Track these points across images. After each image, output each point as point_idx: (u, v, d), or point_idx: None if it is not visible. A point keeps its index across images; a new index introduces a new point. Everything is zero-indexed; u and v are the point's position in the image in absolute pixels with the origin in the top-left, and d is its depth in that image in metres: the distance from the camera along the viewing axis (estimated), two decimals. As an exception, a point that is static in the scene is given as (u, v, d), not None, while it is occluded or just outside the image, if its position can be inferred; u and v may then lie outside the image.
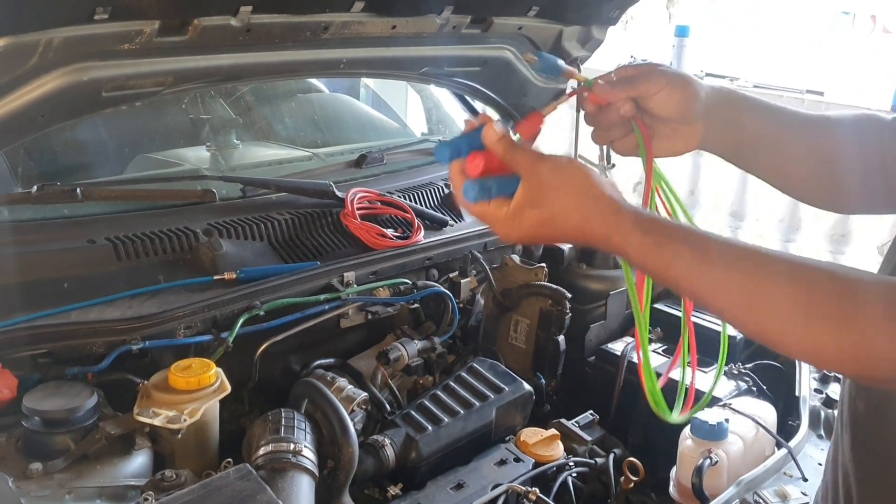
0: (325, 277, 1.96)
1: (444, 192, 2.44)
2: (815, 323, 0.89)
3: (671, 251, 0.94)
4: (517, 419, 1.92)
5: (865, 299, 0.88)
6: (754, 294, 0.91)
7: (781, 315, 0.90)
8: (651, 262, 0.96)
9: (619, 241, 0.97)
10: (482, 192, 1.01)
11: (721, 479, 1.68)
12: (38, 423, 1.45)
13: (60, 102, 1.68)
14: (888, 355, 0.86)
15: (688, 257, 0.94)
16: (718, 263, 0.94)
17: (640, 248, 0.96)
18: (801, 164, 1.23)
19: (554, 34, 2.40)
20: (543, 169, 0.99)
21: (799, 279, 0.91)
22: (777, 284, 0.91)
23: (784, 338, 0.92)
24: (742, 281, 0.92)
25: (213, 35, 1.73)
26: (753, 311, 0.92)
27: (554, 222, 0.99)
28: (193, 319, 1.74)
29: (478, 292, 2.28)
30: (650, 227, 0.96)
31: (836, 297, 0.89)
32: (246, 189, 2.13)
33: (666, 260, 0.95)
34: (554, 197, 0.98)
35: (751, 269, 0.93)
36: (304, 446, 1.53)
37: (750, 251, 0.94)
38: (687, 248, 0.94)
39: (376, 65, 2.28)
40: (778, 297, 0.90)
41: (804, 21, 11.82)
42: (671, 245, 0.95)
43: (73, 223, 1.87)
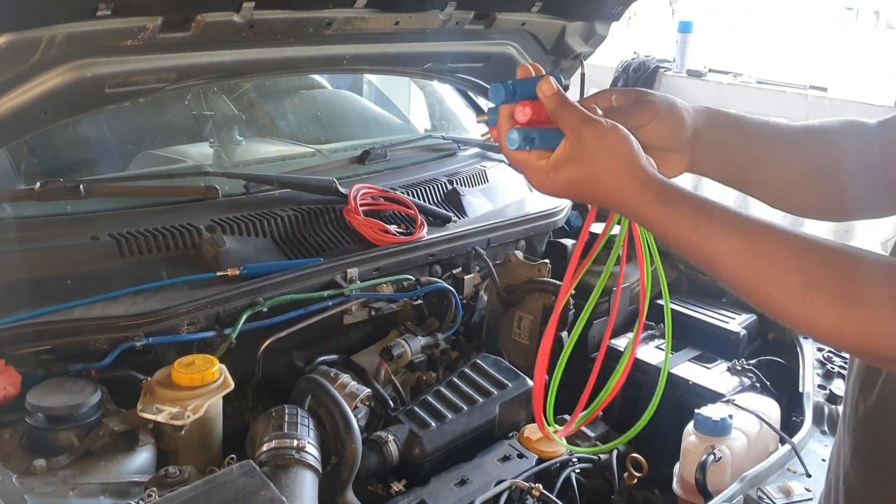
0: (329, 274, 1.96)
1: (447, 188, 2.44)
2: (820, 297, 0.91)
3: (691, 221, 0.97)
4: (520, 415, 1.92)
5: (870, 278, 0.90)
6: (765, 265, 0.94)
7: (790, 287, 0.93)
8: (672, 230, 0.99)
9: (644, 209, 1.00)
10: (525, 141, 1.04)
11: (725, 475, 1.68)
12: (42, 419, 1.45)
13: (64, 99, 1.68)
14: (889, 334, 0.87)
15: (704, 225, 0.97)
16: (733, 235, 0.96)
17: (662, 217, 0.99)
18: (791, 179, 1.24)
19: (557, 30, 2.40)
20: (589, 131, 1.01)
21: (809, 254, 0.93)
22: (788, 257, 0.94)
23: (791, 308, 0.95)
24: (754, 251, 0.95)
25: (215, 31, 1.73)
26: (763, 282, 0.95)
27: (587, 182, 1.02)
28: (197, 316, 1.74)
29: (481, 288, 2.28)
30: (673, 198, 0.99)
31: (844, 274, 0.91)
32: (249, 185, 2.13)
33: (683, 230, 0.98)
34: (592, 159, 1.01)
35: (763, 241, 0.96)
36: (308, 443, 1.53)
37: (763, 224, 0.97)
38: (705, 219, 0.97)
39: (379, 61, 2.29)
40: (788, 269, 0.93)
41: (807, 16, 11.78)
42: (690, 215, 0.98)
43: (77, 220, 1.87)
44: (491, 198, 2.54)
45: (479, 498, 1.60)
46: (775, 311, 0.96)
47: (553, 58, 2.52)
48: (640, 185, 1.00)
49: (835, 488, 1.14)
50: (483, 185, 2.59)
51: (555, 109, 1.03)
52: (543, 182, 1.05)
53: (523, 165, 1.07)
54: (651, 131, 1.14)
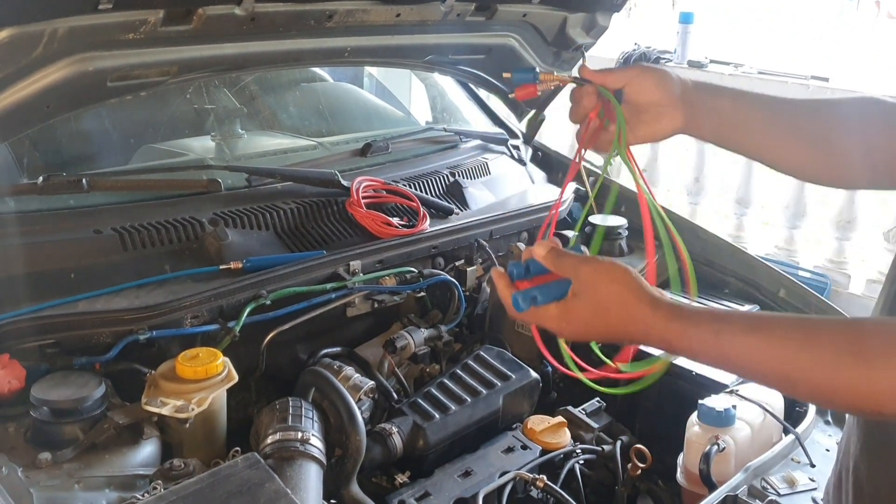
0: (331, 266, 1.96)
1: (449, 181, 2.44)
2: (853, 366, 0.92)
3: (712, 328, 1.00)
4: (524, 407, 1.92)
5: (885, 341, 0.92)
6: (794, 349, 0.95)
7: (822, 362, 0.94)
8: (696, 342, 1.01)
9: (662, 329, 1.02)
10: (528, 301, 1.10)
11: (729, 465, 1.68)
12: (47, 413, 1.45)
13: (66, 92, 1.68)
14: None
15: (726, 330, 0.99)
16: (754, 332, 0.99)
17: (682, 332, 1.01)
18: (793, 140, 1.29)
19: (558, 21, 2.40)
20: (586, 268, 1.08)
21: (833, 329, 0.97)
22: (814, 337, 0.96)
23: (831, 383, 0.94)
24: (781, 340, 0.97)
25: (217, 24, 1.73)
26: (795, 365, 0.96)
27: (600, 317, 1.07)
28: (200, 309, 1.74)
29: (484, 280, 2.28)
30: (686, 312, 1.02)
31: (874, 343, 0.92)
32: (251, 178, 2.13)
33: (705, 338, 1.00)
34: (595, 293, 1.06)
35: (785, 329, 0.98)
36: (312, 435, 1.53)
37: (780, 317, 1.06)
38: (724, 323, 1.01)
39: (381, 53, 2.28)
40: (820, 346, 0.94)
41: (809, 7, 11.74)
42: (709, 323, 1.01)
43: (79, 214, 1.87)
44: (493, 190, 2.54)
45: (484, 489, 1.61)
46: (814, 391, 0.98)
47: (554, 49, 2.51)
48: (650, 307, 1.03)
49: (845, 481, 1.14)
50: (485, 177, 2.58)
51: (553, 264, 1.10)
52: (562, 328, 1.10)
53: (539, 320, 1.12)
54: (637, 86, 1.23)
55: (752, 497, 1.54)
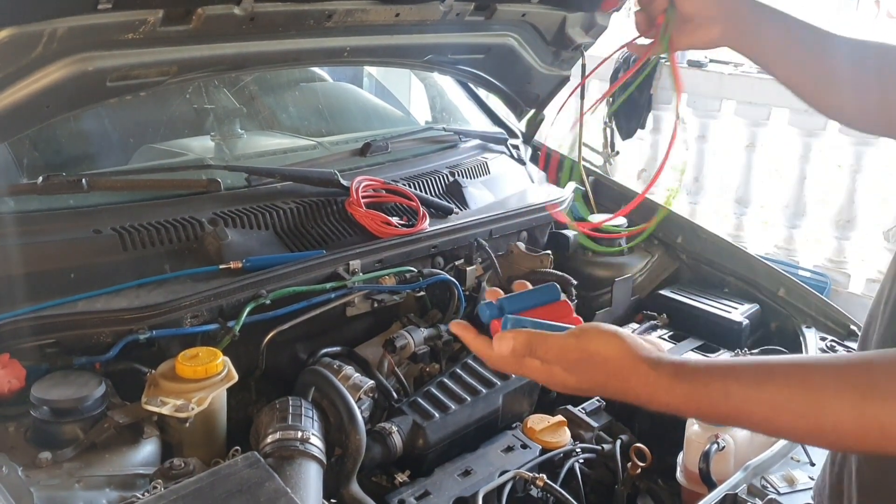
0: (331, 266, 1.96)
1: (448, 180, 2.44)
2: (877, 405, 0.87)
3: (720, 388, 0.93)
4: (524, 406, 1.93)
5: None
6: (813, 397, 0.90)
7: (843, 406, 0.88)
8: (705, 404, 0.95)
9: (666, 397, 0.95)
10: (494, 311, 1.06)
11: (728, 464, 1.68)
12: (47, 412, 1.45)
13: (65, 92, 1.68)
14: None
15: (735, 387, 0.92)
16: (766, 384, 0.92)
17: (688, 396, 0.94)
18: (827, 79, 1.30)
19: (558, 21, 2.40)
20: (572, 348, 0.99)
21: (849, 370, 0.91)
22: (830, 381, 0.90)
23: (853, 426, 0.89)
24: (797, 391, 0.91)
25: (216, 24, 1.73)
26: (815, 414, 0.90)
27: (597, 389, 1.00)
28: (200, 308, 1.74)
29: (483, 280, 2.28)
30: (690, 373, 0.95)
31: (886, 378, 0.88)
32: (251, 178, 2.13)
33: (716, 398, 0.93)
34: (588, 372, 0.99)
35: (798, 378, 0.92)
36: (312, 434, 1.53)
37: (790, 363, 0.96)
38: (733, 379, 0.93)
39: (380, 53, 2.28)
40: (837, 391, 0.89)
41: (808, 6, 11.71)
42: (716, 383, 0.93)
43: (79, 213, 1.86)
44: (493, 189, 2.54)
45: (483, 488, 1.61)
46: (838, 438, 0.92)
47: (554, 49, 2.52)
48: (651, 375, 0.95)
49: (847, 485, 1.14)
50: (485, 176, 2.58)
51: (531, 352, 1.00)
52: (550, 382, 1.03)
53: (530, 369, 1.03)
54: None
55: (751, 496, 1.53)
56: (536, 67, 2.57)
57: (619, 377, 0.97)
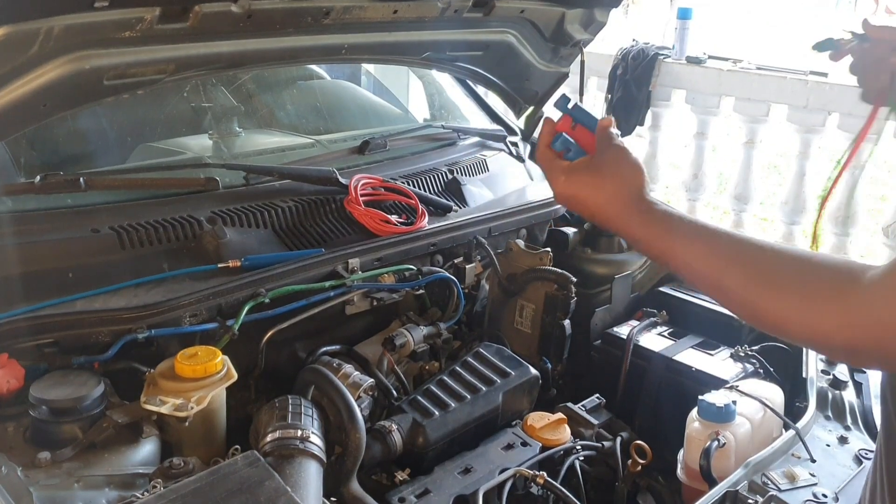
0: (330, 264, 1.95)
1: (447, 178, 2.44)
2: (773, 291, 1.02)
3: (664, 233, 1.13)
4: (524, 403, 1.92)
5: (819, 274, 1.01)
6: (718, 266, 1.08)
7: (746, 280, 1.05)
8: (654, 247, 1.16)
9: (628, 221, 1.17)
10: (563, 146, 1.25)
11: (729, 461, 1.68)
12: (46, 412, 1.45)
13: (62, 91, 1.68)
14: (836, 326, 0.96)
15: (675, 235, 1.12)
16: (697, 240, 1.11)
17: (641, 227, 1.16)
18: None
19: (556, 17, 2.39)
20: (615, 151, 1.20)
21: (766, 254, 1.05)
22: (748, 255, 1.06)
23: (746, 300, 1.06)
24: (710, 254, 1.09)
25: (214, 21, 1.72)
26: (722, 277, 1.08)
27: (590, 189, 1.19)
28: (199, 307, 1.73)
29: (483, 277, 2.28)
30: (655, 214, 1.15)
31: (800, 271, 1.02)
32: (249, 177, 2.12)
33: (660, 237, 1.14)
34: (601, 172, 1.19)
35: (718, 244, 1.09)
36: (312, 432, 1.53)
37: (719, 232, 1.10)
38: (676, 228, 1.12)
39: (378, 50, 2.28)
40: (747, 265, 1.06)
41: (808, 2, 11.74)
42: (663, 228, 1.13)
43: (77, 213, 1.86)
44: (491, 187, 2.54)
45: (484, 486, 1.60)
46: (729, 303, 1.09)
47: (552, 45, 2.51)
48: (634, 203, 1.16)
49: (879, 481, 1.14)
50: (483, 173, 2.58)
51: (602, 131, 1.23)
52: (557, 178, 1.23)
53: (550, 162, 1.25)
54: None
55: (752, 492, 1.53)
56: (535, 64, 2.57)
57: (618, 189, 1.17)
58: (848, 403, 1.84)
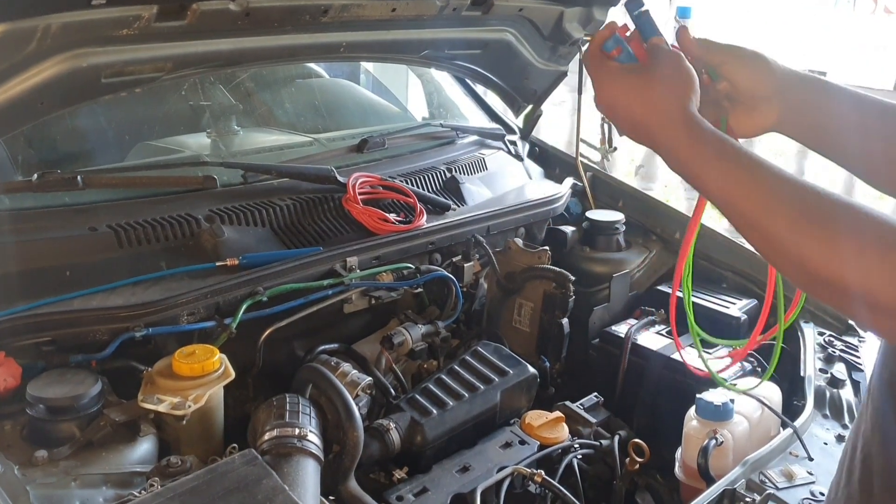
0: (328, 263, 1.95)
1: (446, 176, 2.43)
2: (814, 235, 0.93)
3: (710, 152, 1.02)
4: (522, 402, 1.92)
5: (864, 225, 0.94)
6: (764, 203, 0.97)
7: (788, 221, 0.95)
8: (694, 168, 1.04)
9: (673, 137, 1.05)
10: (615, 43, 1.16)
11: (727, 459, 1.68)
12: (43, 410, 1.44)
13: (60, 89, 1.68)
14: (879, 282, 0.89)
15: (727, 163, 1.01)
16: (740, 170, 1.00)
17: (689, 157, 1.04)
18: (874, 153, 1.19)
19: (555, 15, 2.39)
20: (669, 56, 1.12)
21: (810, 196, 0.96)
22: (792, 194, 0.97)
23: (784, 242, 0.96)
24: (759, 187, 0.98)
25: (211, 19, 1.72)
26: (760, 217, 0.97)
27: (638, 98, 1.09)
28: (196, 306, 1.73)
29: (481, 276, 2.28)
30: (698, 131, 1.04)
31: (840, 218, 0.94)
32: (247, 175, 2.12)
33: (704, 163, 1.03)
34: (651, 76, 1.10)
35: (771, 179, 0.98)
36: (310, 431, 1.52)
37: (771, 167, 0.99)
38: (726, 155, 1.02)
39: (376, 48, 2.27)
40: (790, 205, 0.96)
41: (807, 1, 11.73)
42: (711, 149, 1.03)
43: (75, 211, 1.85)
44: (490, 185, 2.53)
45: (482, 485, 1.60)
46: (768, 244, 0.98)
47: (551, 44, 2.51)
48: (683, 115, 1.05)
49: (850, 458, 1.13)
50: (482, 172, 2.58)
51: (656, 41, 1.14)
52: (603, 82, 1.13)
53: (598, 62, 1.15)
54: (732, 71, 1.18)
55: (750, 491, 1.53)
56: (534, 63, 2.57)
57: (665, 99, 1.07)
58: (846, 402, 1.84)
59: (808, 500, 1.52)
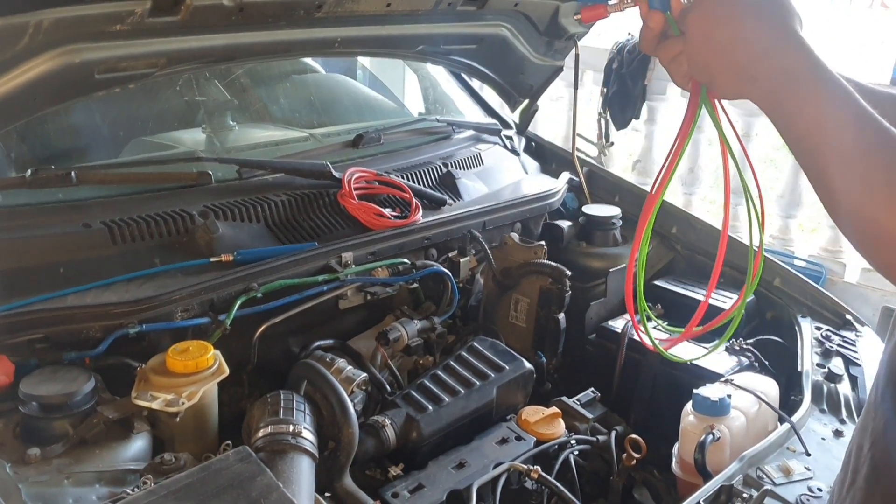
0: (323, 258, 1.94)
1: (442, 171, 2.42)
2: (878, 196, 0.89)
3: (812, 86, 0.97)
4: (518, 398, 1.92)
5: None
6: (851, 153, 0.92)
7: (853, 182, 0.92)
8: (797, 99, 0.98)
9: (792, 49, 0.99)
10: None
11: (724, 454, 1.68)
12: (36, 408, 1.44)
13: (53, 85, 1.67)
14: None
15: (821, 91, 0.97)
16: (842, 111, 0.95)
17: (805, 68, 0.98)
18: None
19: (550, 10, 2.39)
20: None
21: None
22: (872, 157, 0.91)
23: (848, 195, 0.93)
24: (855, 136, 0.92)
25: (205, 15, 1.71)
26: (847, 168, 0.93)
27: (737, 20, 1.01)
28: (190, 302, 1.72)
29: (477, 271, 2.27)
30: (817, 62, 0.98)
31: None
32: (242, 171, 2.11)
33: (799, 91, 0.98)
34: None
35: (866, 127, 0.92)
36: (304, 428, 1.52)
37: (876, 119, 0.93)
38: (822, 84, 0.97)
39: (371, 43, 2.27)
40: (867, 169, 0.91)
41: (803, -4, 11.59)
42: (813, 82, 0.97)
43: (69, 207, 1.85)
44: (486, 180, 2.53)
45: (478, 481, 1.60)
46: (834, 199, 0.95)
47: (546, 38, 2.50)
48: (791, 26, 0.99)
49: (856, 456, 1.11)
50: (478, 167, 2.57)
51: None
52: (694, 29, 1.05)
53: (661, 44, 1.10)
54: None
55: (747, 486, 1.53)
56: (529, 58, 2.56)
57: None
58: (843, 397, 1.84)
59: (806, 495, 1.52)
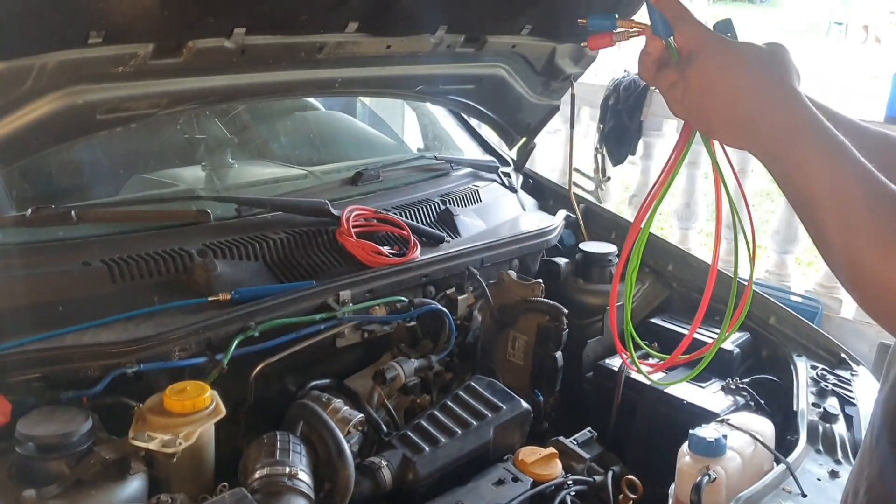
0: (321, 297, 1.95)
1: (440, 208, 2.44)
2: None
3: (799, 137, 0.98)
4: (515, 438, 1.91)
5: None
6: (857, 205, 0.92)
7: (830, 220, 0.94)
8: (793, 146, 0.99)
9: (790, 109, 0.99)
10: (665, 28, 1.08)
11: (720, 495, 1.67)
12: (32, 448, 1.43)
13: (55, 125, 1.69)
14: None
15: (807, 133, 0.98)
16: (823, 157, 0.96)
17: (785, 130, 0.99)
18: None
19: (547, 52, 2.42)
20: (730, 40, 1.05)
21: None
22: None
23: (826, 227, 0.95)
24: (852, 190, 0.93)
25: (207, 57, 1.74)
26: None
27: (737, 69, 1.02)
28: (188, 341, 1.72)
29: (475, 309, 2.28)
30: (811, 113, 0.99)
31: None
32: (241, 209, 2.12)
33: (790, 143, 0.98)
34: (739, 45, 1.03)
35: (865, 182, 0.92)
36: (300, 469, 1.52)
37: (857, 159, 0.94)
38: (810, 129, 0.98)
39: (371, 84, 2.29)
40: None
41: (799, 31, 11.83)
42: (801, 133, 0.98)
43: (68, 246, 1.86)
44: (484, 217, 2.54)
45: (474, 522, 1.59)
46: (821, 235, 0.96)
47: (543, 79, 2.54)
48: (787, 81, 1.00)
49: (852, 500, 1.12)
50: (476, 204, 2.59)
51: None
52: (691, 80, 1.04)
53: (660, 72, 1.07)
54: None
55: (743, 528, 1.53)
56: (527, 97, 2.59)
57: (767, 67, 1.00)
58: (839, 437, 1.84)
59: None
